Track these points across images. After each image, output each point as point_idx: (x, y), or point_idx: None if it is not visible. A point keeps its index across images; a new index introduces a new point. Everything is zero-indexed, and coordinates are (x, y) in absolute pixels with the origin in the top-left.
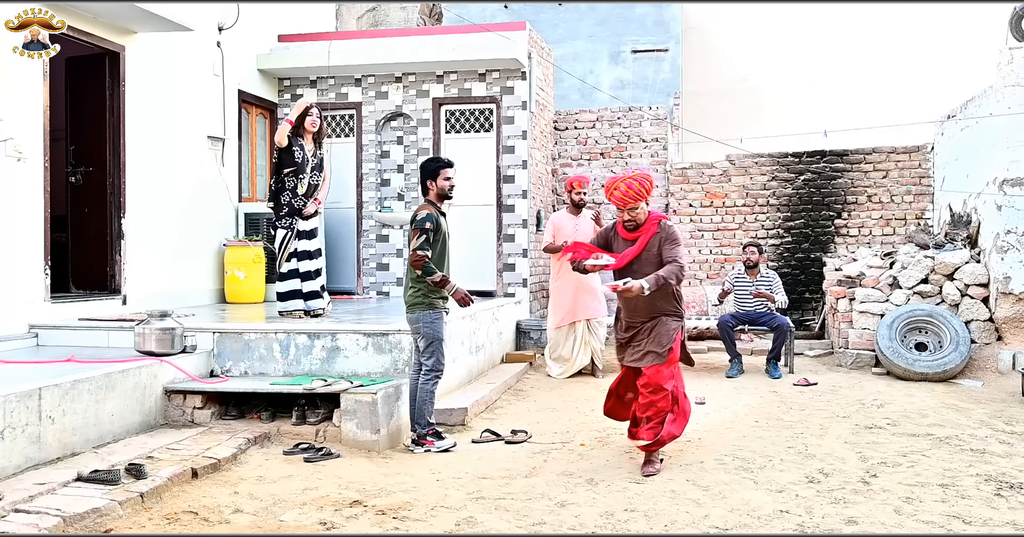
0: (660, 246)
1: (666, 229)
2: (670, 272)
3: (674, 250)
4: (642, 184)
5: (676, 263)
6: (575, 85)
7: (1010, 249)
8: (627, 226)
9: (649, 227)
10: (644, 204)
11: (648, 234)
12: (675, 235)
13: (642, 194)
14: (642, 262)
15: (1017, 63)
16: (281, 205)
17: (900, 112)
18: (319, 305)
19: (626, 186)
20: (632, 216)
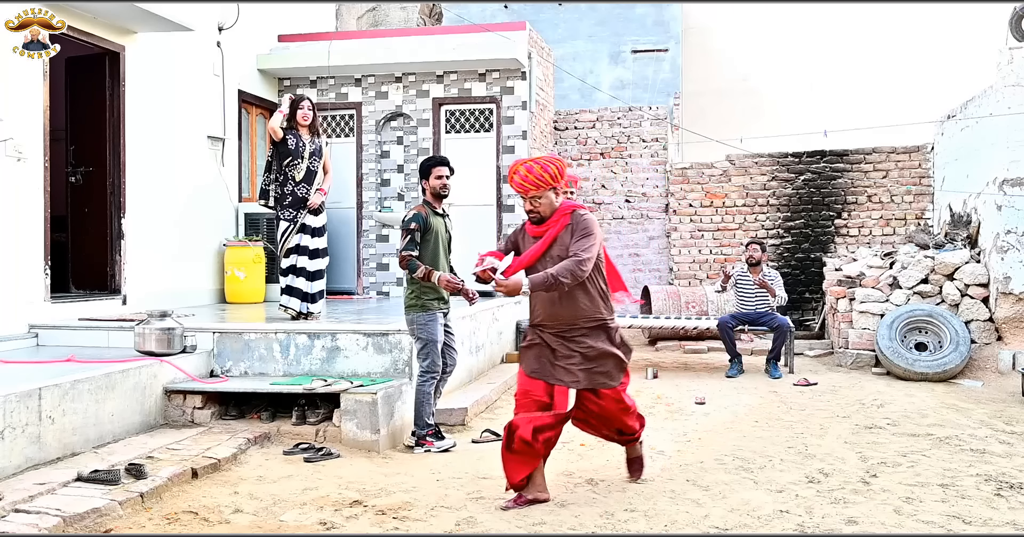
0: (571, 240)
1: (579, 219)
2: (563, 270)
3: (580, 243)
4: (545, 169)
5: (576, 258)
6: (575, 85)
7: (1010, 249)
8: (531, 219)
9: (558, 219)
10: (551, 193)
11: (556, 228)
12: (588, 226)
13: (544, 181)
14: (549, 262)
15: (1017, 63)
16: (284, 195)
17: (900, 112)
18: (315, 309)
19: (526, 170)
20: (535, 207)
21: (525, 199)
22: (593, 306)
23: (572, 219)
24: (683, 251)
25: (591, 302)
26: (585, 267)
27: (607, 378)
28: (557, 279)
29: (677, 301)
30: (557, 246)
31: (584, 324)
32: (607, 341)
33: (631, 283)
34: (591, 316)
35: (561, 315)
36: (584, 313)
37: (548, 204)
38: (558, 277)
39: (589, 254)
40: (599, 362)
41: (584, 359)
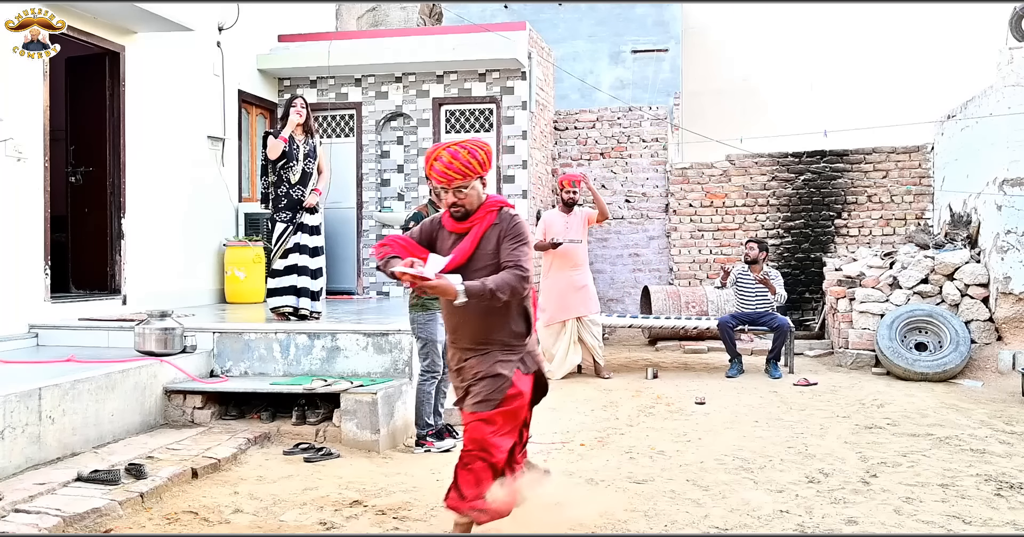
0: (499, 243)
1: (508, 219)
2: (503, 283)
3: (517, 251)
4: (473, 155)
5: (517, 269)
6: (575, 85)
7: (1010, 249)
8: (453, 214)
9: (484, 216)
10: (478, 183)
11: (482, 225)
12: (520, 229)
13: (472, 169)
14: (473, 266)
15: (1017, 63)
16: (280, 197)
17: (900, 112)
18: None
19: (450, 156)
20: (459, 200)
21: (447, 191)
22: (506, 326)
23: (500, 218)
24: (683, 251)
25: (506, 321)
26: (527, 283)
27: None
28: (494, 293)
29: (677, 301)
30: (480, 248)
31: (486, 347)
32: (501, 364)
33: (631, 283)
34: (497, 337)
35: (465, 331)
36: (491, 333)
37: (475, 196)
38: (496, 291)
39: (529, 267)
40: (482, 384)
41: (475, 381)
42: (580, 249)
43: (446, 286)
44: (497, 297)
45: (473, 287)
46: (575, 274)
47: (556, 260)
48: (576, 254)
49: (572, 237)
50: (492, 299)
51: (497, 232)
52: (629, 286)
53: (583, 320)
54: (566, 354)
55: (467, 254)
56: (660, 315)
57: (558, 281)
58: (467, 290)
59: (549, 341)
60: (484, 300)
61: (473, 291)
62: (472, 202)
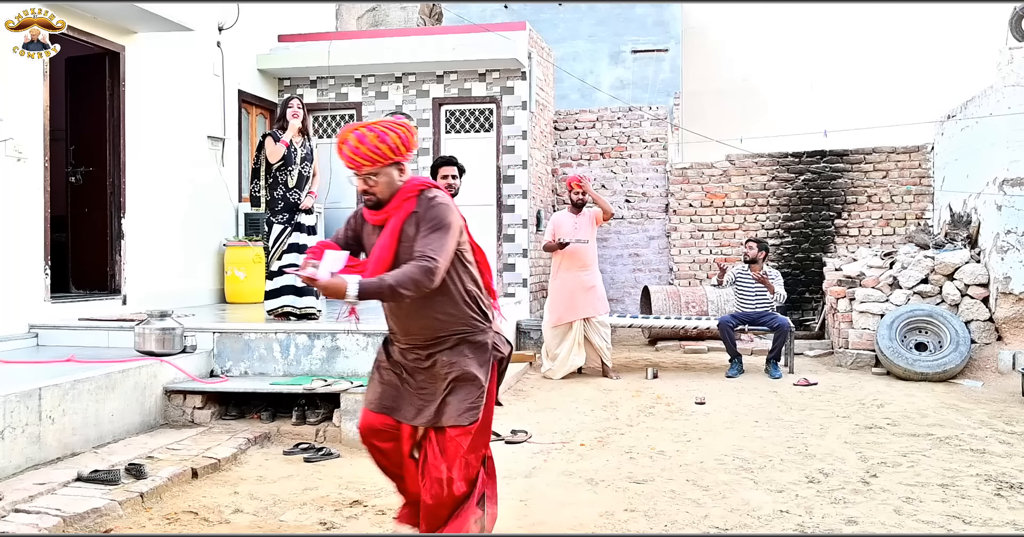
0: (419, 232)
1: (428, 205)
2: (404, 278)
3: (430, 239)
4: (382, 138)
5: (422, 263)
6: (575, 85)
7: (1010, 249)
8: (366, 203)
9: (400, 205)
10: (393, 170)
11: (399, 216)
12: (440, 215)
13: (381, 153)
14: (398, 259)
15: (1017, 63)
16: (276, 200)
17: (900, 112)
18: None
19: (357, 139)
20: (369, 187)
21: (358, 177)
22: (458, 315)
23: (419, 204)
24: (683, 251)
25: (455, 310)
26: (434, 276)
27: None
28: (395, 290)
29: (677, 301)
30: (404, 242)
31: (445, 339)
32: (472, 361)
33: (631, 283)
34: (454, 328)
35: (414, 329)
36: (445, 325)
37: (387, 184)
38: (396, 288)
39: (440, 257)
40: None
41: (440, 385)
42: (589, 249)
43: (334, 285)
44: (399, 294)
45: (368, 285)
46: (584, 274)
47: (565, 260)
48: (585, 254)
49: (580, 237)
50: (394, 296)
51: (417, 221)
52: (629, 286)
53: (591, 321)
54: (568, 355)
55: (390, 250)
56: (660, 315)
57: (567, 282)
58: (361, 288)
59: (554, 342)
60: (385, 298)
61: (368, 289)
62: (383, 191)
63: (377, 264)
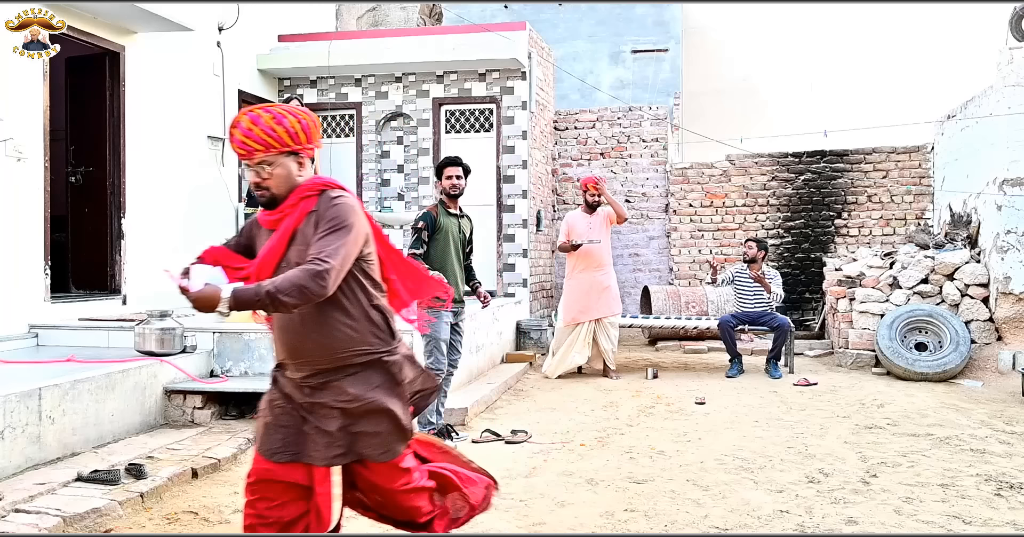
0: (315, 234)
1: (328, 204)
2: (288, 284)
3: (326, 241)
4: (279, 121)
5: (312, 267)
6: (575, 85)
7: (1010, 249)
8: (259, 199)
9: (297, 203)
10: (290, 160)
11: (296, 215)
12: (338, 212)
13: (277, 139)
14: (290, 265)
15: (1017, 63)
16: None
17: (900, 112)
18: None
19: (249, 122)
20: (263, 180)
21: (250, 167)
22: (359, 333)
23: (320, 204)
24: (683, 251)
25: (355, 326)
26: (325, 281)
27: (379, 446)
28: (275, 298)
29: (677, 301)
30: (298, 245)
31: (347, 362)
32: (382, 388)
33: (631, 283)
34: (356, 349)
35: (308, 350)
36: (344, 345)
37: (283, 177)
38: (277, 295)
39: (334, 260)
40: (367, 420)
41: (345, 417)
42: (603, 249)
43: (205, 295)
44: (281, 302)
45: (244, 294)
46: (599, 274)
47: (579, 261)
48: (599, 254)
49: (594, 238)
50: (275, 306)
51: (314, 221)
52: (629, 286)
53: (602, 322)
54: (569, 352)
55: (277, 252)
56: (660, 315)
57: (582, 282)
58: (235, 298)
59: (560, 340)
60: (265, 308)
61: (243, 298)
62: (279, 185)
63: (261, 268)
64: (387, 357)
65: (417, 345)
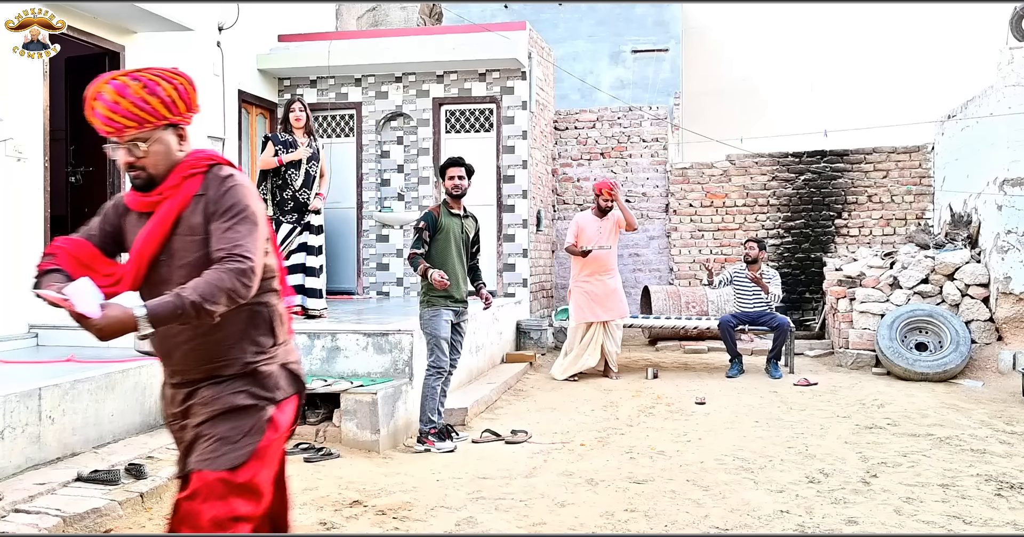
0: (207, 221)
1: (217, 184)
2: (211, 289)
3: (233, 231)
4: (151, 89)
5: (233, 260)
6: (575, 85)
7: (1010, 249)
8: (133, 181)
9: (179, 183)
10: (168, 134)
11: (178, 198)
12: (237, 196)
13: (151, 111)
14: (169, 264)
15: (1017, 63)
16: (286, 200)
17: (900, 112)
18: (320, 305)
19: (114, 92)
20: (136, 159)
21: (119, 146)
22: (236, 339)
23: (207, 183)
24: (683, 251)
25: (255, 333)
26: (251, 281)
27: (209, 452)
28: (201, 308)
29: (677, 301)
30: (182, 234)
31: (216, 372)
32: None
33: (631, 283)
34: (232, 356)
35: (178, 356)
36: (220, 352)
37: (162, 154)
38: (204, 305)
39: (255, 255)
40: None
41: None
42: (611, 254)
43: (116, 321)
44: (207, 311)
45: (162, 308)
46: (607, 278)
47: (587, 265)
48: (607, 259)
49: (604, 243)
50: (200, 315)
51: (204, 206)
52: (629, 286)
53: (608, 325)
54: (580, 357)
55: (153, 245)
56: (660, 315)
57: (591, 285)
58: (152, 315)
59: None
60: (190, 321)
61: (163, 314)
62: (157, 164)
63: (137, 266)
64: (263, 366)
65: (419, 346)
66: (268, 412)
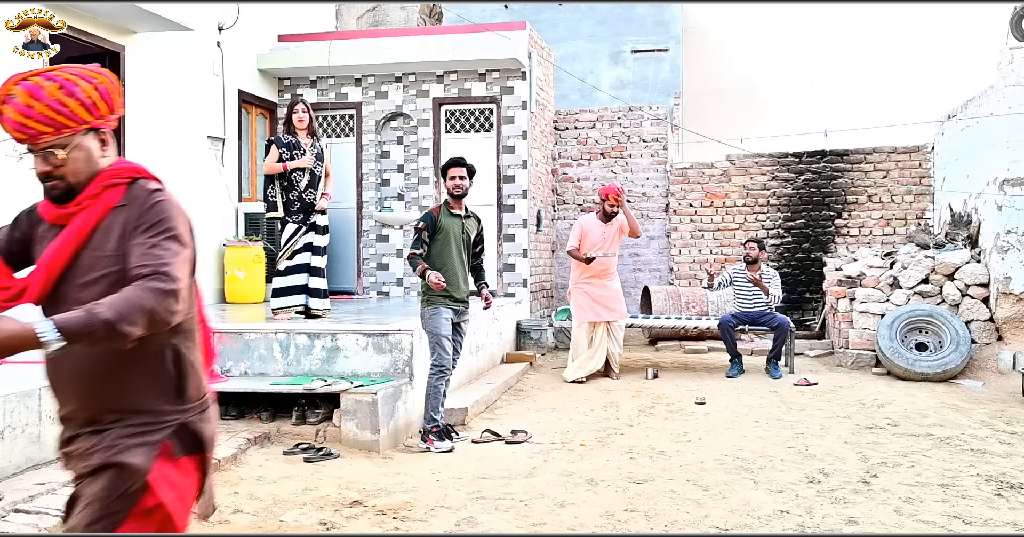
0: (124, 237)
1: (142, 198)
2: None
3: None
4: (68, 90)
5: (156, 279)
6: (575, 85)
7: (1010, 249)
8: (49, 192)
9: (100, 193)
10: (88, 139)
11: (96, 209)
12: (163, 212)
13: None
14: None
15: (1017, 63)
16: (292, 201)
17: (900, 112)
18: (324, 306)
19: (27, 95)
20: (53, 167)
21: (35, 153)
22: (161, 389)
23: (129, 197)
24: (683, 251)
25: (159, 379)
26: (176, 305)
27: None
28: (113, 326)
29: (677, 301)
30: (94, 248)
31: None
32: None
33: (631, 283)
34: (135, 405)
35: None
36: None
37: (83, 161)
38: (118, 325)
39: (181, 276)
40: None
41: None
42: (613, 261)
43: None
44: (120, 332)
45: (70, 324)
46: (607, 281)
47: (588, 268)
48: (610, 265)
49: (608, 250)
50: (112, 336)
51: (123, 219)
52: (629, 286)
53: (612, 326)
54: (590, 359)
55: (63, 258)
56: (660, 315)
57: (592, 287)
58: (62, 328)
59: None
60: (99, 342)
61: (70, 331)
62: (78, 171)
63: (44, 278)
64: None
65: (419, 346)
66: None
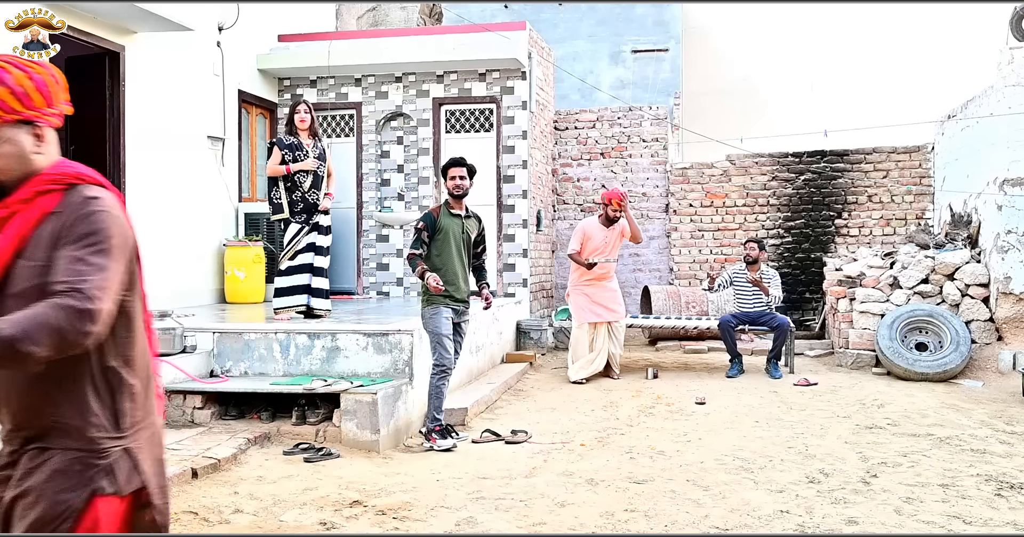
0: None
1: (76, 206)
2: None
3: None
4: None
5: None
6: (575, 85)
7: (1010, 249)
8: None
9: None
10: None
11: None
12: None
13: None
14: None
15: (1017, 63)
16: (295, 201)
17: (900, 112)
18: (325, 306)
19: None
20: None
21: None
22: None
23: (64, 203)
24: (683, 251)
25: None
26: (92, 326)
27: None
28: (19, 347)
29: (677, 301)
30: (27, 258)
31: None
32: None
33: (631, 283)
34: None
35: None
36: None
37: (14, 157)
38: (22, 345)
39: (105, 294)
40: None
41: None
42: (614, 266)
43: None
44: (23, 354)
45: None
46: (606, 282)
47: (588, 272)
48: (610, 270)
49: (610, 255)
50: (13, 356)
51: (54, 227)
52: (629, 286)
53: (612, 327)
54: (592, 361)
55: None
56: (660, 315)
57: (589, 287)
58: None
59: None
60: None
61: None
62: (9, 167)
63: None
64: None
65: (419, 346)
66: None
